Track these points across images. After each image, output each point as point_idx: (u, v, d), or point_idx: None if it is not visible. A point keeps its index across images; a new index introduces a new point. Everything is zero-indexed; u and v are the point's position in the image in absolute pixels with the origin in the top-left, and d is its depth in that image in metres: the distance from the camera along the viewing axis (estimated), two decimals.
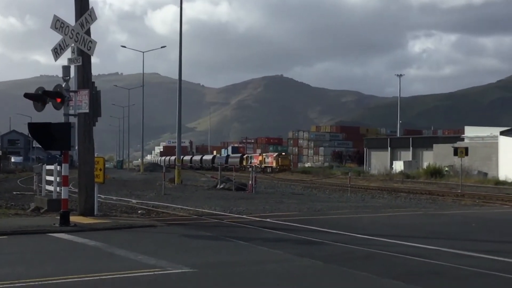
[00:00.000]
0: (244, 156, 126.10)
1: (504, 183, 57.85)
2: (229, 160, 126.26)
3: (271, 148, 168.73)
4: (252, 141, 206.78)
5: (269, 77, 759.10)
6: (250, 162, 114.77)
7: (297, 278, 11.33)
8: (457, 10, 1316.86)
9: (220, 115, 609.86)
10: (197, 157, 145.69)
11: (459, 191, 42.82)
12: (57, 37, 19.95)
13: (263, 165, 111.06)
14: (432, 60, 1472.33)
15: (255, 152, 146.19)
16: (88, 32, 20.09)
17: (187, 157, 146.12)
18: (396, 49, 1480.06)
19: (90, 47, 19.86)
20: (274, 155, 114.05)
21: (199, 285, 10.59)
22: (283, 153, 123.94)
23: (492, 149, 68.08)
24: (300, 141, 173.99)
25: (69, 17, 20.96)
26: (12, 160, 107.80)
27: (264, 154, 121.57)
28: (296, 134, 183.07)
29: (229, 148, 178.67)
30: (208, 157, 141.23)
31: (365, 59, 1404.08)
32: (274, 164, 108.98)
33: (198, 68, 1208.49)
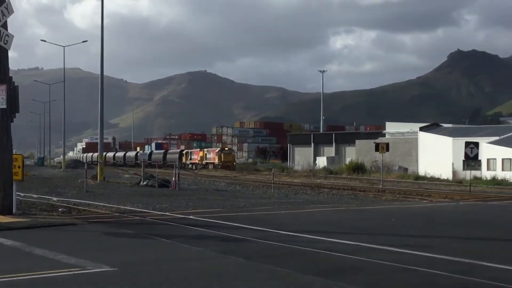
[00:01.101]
0: (184, 152, 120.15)
1: (424, 178, 59.30)
2: (168, 156, 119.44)
3: (195, 144, 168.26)
4: (176, 137, 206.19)
5: (193, 72, 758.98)
6: (191, 159, 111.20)
7: (218, 275, 11.30)
8: (376, 7, 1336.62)
9: (144, 111, 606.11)
10: (120, 154, 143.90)
11: (380, 186, 43.62)
12: None
13: (204, 162, 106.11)
14: (353, 56, 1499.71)
15: (178, 148, 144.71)
16: (4, 26, 19.69)
17: (110, 154, 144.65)
18: (317, 45, 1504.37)
19: (6, 41, 19.54)
20: (216, 151, 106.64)
21: (120, 284, 10.46)
22: (226, 148, 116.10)
23: (412, 144, 69.61)
24: (224, 137, 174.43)
25: None
26: None
27: (205, 150, 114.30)
28: (220, 130, 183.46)
29: (153, 145, 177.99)
30: (131, 153, 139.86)
31: (288, 55, 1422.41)
32: (216, 160, 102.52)
33: (121, 63, 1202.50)
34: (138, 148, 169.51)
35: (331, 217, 22.42)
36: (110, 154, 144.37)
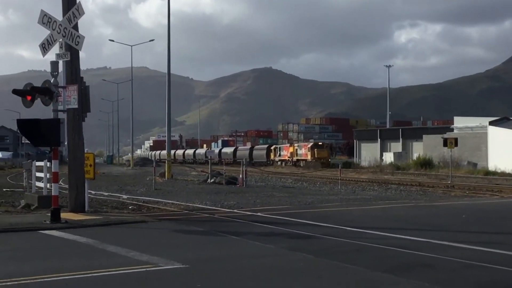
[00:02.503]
0: (272, 148, 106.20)
1: (494, 173, 58.04)
2: (254, 152, 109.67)
3: (261, 141, 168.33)
4: (242, 134, 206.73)
5: (258, 69, 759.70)
6: (280, 155, 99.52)
7: (288, 272, 11.34)
8: (440, 0, 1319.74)
9: (210, 108, 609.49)
10: (190, 151, 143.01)
11: (449, 182, 42.98)
12: (43, 32, 19.86)
13: (295, 158, 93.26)
14: (418, 50, 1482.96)
15: (245, 145, 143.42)
16: (75, 27, 20.01)
17: (179, 151, 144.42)
18: (381, 39, 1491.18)
19: (78, 41, 19.79)
20: (309, 146, 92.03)
21: (191, 281, 10.56)
22: (320, 143, 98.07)
23: (481, 139, 68.27)
24: (290, 134, 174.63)
25: (54, 11, 20.88)
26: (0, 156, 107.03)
27: (296, 145, 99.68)
28: (286, 127, 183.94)
29: (219, 142, 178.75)
30: (201, 150, 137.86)
31: (351, 50, 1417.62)
32: (309, 157, 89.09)
33: (186, 61, 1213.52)
34: (204, 146, 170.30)
35: (400, 213, 22.22)
36: (179, 152, 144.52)
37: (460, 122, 79.74)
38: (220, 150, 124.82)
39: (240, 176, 41.24)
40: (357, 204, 25.84)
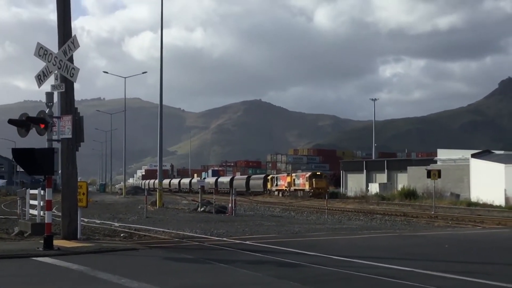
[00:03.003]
0: (269, 178, 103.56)
1: (476, 204, 58.25)
2: (251, 182, 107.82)
3: (250, 171, 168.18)
4: (232, 164, 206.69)
5: (248, 101, 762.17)
6: (277, 185, 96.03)
7: None
8: (424, 36, 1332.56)
9: (200, 139, 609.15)
10: (186, 180, 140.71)
11: (432, 212, 42.96)
12: (39, 64, 19.93)
13: (292, 188, 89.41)
14: (402, 84, 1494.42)
15: (234, 175, 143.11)
16: (71, 59, 20.07)
17: (175, 180, 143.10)
18: (367, 74, 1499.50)
19: (73, 73, 19.85)
20: (307, 175, 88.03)
21: None
22: (318, 173, 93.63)
23: (463, 171, 68.55)
24: (279, 164, 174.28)
25: (50, 43, 20.95)
26: None
27: (293, 175, 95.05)
28: (275, 157, 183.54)
29: (209, 171, 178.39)
30: (195, 180, 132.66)
31: (338, 84, 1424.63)
32: (307, 187, 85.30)
33: (178, 92, 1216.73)
34: (195, 175, 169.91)
35: (385, 243, 22.20)
36: (174, 181, 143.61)
37: (443, 154, 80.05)
38: (216, 180, 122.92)
39: (230, 205, 41.16)
40: (343, 233, 25.77)
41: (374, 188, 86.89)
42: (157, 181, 64.02)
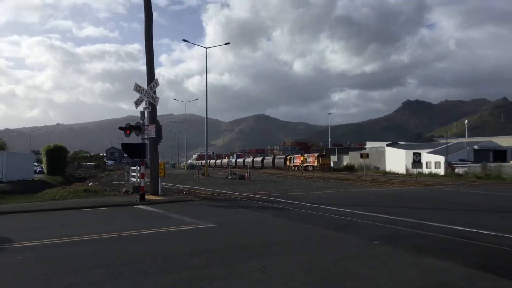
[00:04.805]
0: (288, 157, 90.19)
1: (389, 173, 58.08)
2: (275, 160, 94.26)
3: (258, 155, 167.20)
4: (247, 151, 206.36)
5: (256, 115, 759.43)
6: (293, 162, 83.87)
7: (273, 228, 11.29)
8: (357, 76, 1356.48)
9: (229, 137, 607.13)
10: (225, 160, 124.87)
11: (363, 178, 42.76)
12: (135, 95, 20.00)
13: (304, 164, 76.35)
14: (345, 105, 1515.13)
15: (249, 157, 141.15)
16: (154, 92, 20.14)
17: (213, 161, 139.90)
18: (324, 98, 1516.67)
19: (155, 100, 19.96)
20: (316, 155, 76.35)
21: (218, 234, 10.52)
22: (324, 153, 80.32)
23: (381, 154, 68.17)
24: (274, 151, 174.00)
25: (141, 82, 20.95)
26: (108, 163, 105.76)
27: (305, 155, 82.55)
28: (272, 147, 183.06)
29: (235, 155, 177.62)
30: (225, 160, 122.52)
31: (308, 104, 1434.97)
32: (315, 163, 74.06)
33: (216, 110, 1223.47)
34: (226, 157, 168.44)
35: (336, 196, 22.10)
36: (213, 161, 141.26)
37: (370, 144, 79.82)
38: (252, 159, 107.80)
39: (246, 174, 41.12)
40: (312, 190, 25.69)
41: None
42: (204, 161, 63.85)
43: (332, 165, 75.25)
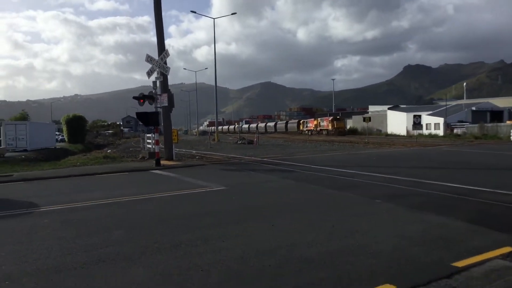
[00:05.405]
0: (301, 122, 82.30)
1: (390, 135, 57.85)
2: (288, 125, 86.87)
3: (266, 120, 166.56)
4: (256, 117, 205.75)
5: (263, 82, 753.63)
6: (306, 127, 76.03)
7: (281, 189, 11.37)
8: (359, 43, 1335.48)
9: (237, 104, 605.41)
10: (231, 126, 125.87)
11: (366, 140, 42.62)
12: (147, 65, 19.82)
13: (318, 128, 69.34)
14: (347, 70, 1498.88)
15: (258, 122, 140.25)
16: (165, 62, 19.97)
17: (223, 127, 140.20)
18: (328, 65, 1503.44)
19: (166, 70, 19.81)
20: (330, 119, 67.93)
21: (230, 195, 10.61)
22: (338, 117, 71.92)
23: (383, 117, 67.60)
24: (282, 116, 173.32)
25: (153, 53, 20.74)
26: (124, 131, 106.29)
27: (319, 119, 73.57)
28: (279, 113, 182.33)
29: (244, 121, 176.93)
30: (246, 125, 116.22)
31: (312, 70, 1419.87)
32: (330, 127, 65.86)
33: (224, 78, 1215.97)
34: (236, 123, 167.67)
35: (340, 157, 22.08)
36: (224, 127, 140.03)
37: (372, 108, 79.25)
38: (265, 124, 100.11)
39: (255, 139, 41.13)
40: (317, 153, 25.68)
41: None
42: (215, 127, 63.79)
43: (347, 128, 68.91)
